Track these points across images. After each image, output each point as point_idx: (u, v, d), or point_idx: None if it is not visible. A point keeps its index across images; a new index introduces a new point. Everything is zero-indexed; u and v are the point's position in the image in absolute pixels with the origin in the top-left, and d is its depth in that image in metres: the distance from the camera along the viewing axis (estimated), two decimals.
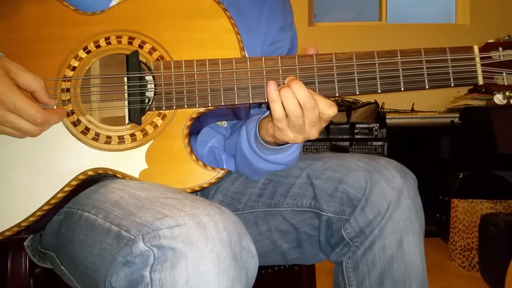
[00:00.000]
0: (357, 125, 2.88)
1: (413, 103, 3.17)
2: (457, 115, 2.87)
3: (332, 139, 2.87)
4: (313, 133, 0.75)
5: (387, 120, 2.91)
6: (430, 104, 3.17)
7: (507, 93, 0.76)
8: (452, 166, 2.74)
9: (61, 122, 0.76)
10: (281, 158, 0.83)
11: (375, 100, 3.01)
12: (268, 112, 0.80)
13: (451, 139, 2.86)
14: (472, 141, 2.79)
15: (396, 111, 3.08)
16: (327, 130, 2.88)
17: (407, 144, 2.89)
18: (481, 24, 3.48)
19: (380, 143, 2.85)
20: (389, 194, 0.78)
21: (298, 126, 0.73)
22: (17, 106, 0.68)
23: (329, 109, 0.73)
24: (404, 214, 0.79)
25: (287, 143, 0.80)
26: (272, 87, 0.72)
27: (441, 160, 2.88)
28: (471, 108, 2.82)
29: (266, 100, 0.75)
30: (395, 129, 2.89)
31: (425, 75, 0.75)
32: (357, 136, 2.86)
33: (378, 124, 2.88)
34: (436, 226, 2.63)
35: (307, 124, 0.73)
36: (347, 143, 2.86)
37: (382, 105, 3.07)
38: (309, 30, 3.63)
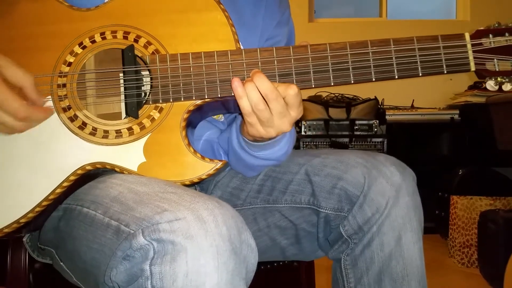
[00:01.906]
0: (357, 122, 2.88)
1: (413, 100, 3.16)
2: (457, 111, 2.87)
3: (332, 136, 2.87)
4: (285, 126, 0.74)
5: (387, 117, 2.91)
6: (430, 101, 3.16)
7: (498, 79, 0.77)
8: (452, 163, 2.74)
9: (58, 117, 0.75)
10: (270, 154, 0.82)
11: (375, 97, 3.00)
12: None
13: (451, 136, 2.86)
14: (472, 138, 2.79)
15: (396, 108, 3.08)
16: (326, 126, 2.88)
17: (407, 141, 2.89)
18: (482, 20, 3.45)
19: (379, 139, 2.85)
20: (388, 191, 0.78)
21: (266, 119, 0.73)
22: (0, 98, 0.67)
23: (288, 89, 0.72)
24: (402, 211, 0.78)
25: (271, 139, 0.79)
26: (236, 84, 0.72)
27: (441, 156, 2.88)
28: (470, 104, 2.82)
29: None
30: (395, 126, 2.89)
31: (418, 62, 0.76)
32: (356, 133, 2.86)
33: (377, 121, 2.87)
34: (436, 222, 2.64)
35: (275, 116, 0.73)
36: (346, 140, 2.86)
37: (382, 102, 3.07)
38: (309, 26, 3.63)
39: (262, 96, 0.72)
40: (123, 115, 0.77)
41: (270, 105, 0.72)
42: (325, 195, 0.82)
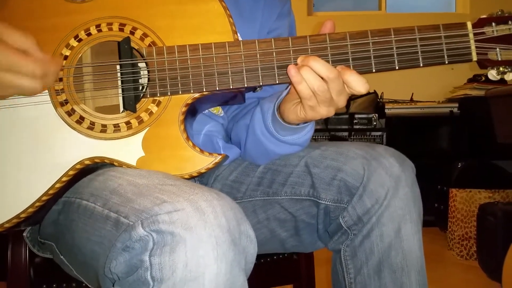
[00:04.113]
0: (356, 115, 2.88)
1: (412, 93, 3.16)
2: (456, 105, 2.87)
3: (331, 130, 2.87)
4: (342, 101, 0.75)
5: (386, 110, 2.91)
6: (429, 94, 3.16)
7: (501, 69, 0.75)
8: (451, 156, 2.75)
9: (55, 112, 0.75)
10: (297, 138, 0.83)
11: (374, 90, 3.00)
12: (283, 95, 0.80)
13: (450, 129, 2.86)
14: (471, 131, 2.79)
15: (395, 101, 3.07)
16: (325, 120, 2.88)
17: (406, 134, 2.89)
18: (481, 13, 3.45)
19: (379, 133, 2.85)
20: (387, 182, 0.78)
21: (327, 99, 0.73)
22: (11, 63, 0.64)
23: (362, 88, 0.73)
24: (402, 202, 0.78)
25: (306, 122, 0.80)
26: (293, 71, 0.72)
27: (440, 150, 2.88)
28: (470, 98, 2.82)
29: (277, 82, 0.75)
30: (394, 119, 2.89)
31: (419, 52, 0.75)
32: (356, 127, 2.87)
33: (377, 114, 2.88)
34: (435, 215, 2.64)
35: (334, 94, 0.73)
36: (346, 134, 2.86)
37: (381, 95, 3.07)
38: (308, 19, 3.61)
39: (321, 78, 0.72)
40: (121, 108, 0.77)
41: (331, 85, 0.72)
42: (324, 187, 0.82)
